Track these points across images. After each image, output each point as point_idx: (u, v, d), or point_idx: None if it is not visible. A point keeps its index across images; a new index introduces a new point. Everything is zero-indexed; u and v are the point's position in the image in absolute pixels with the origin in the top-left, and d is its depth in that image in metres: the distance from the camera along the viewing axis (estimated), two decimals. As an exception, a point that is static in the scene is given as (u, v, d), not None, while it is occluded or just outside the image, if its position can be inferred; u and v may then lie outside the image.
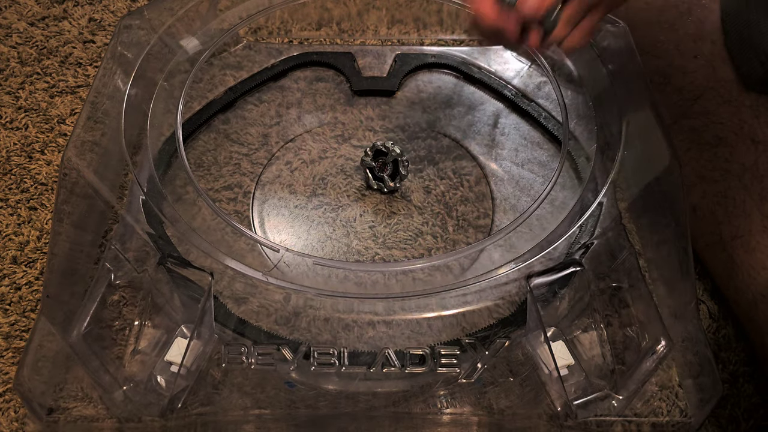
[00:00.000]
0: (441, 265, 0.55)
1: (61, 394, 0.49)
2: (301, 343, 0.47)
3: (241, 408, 0.48)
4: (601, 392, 0.46)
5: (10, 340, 0.53)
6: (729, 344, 0.54)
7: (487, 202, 0.61)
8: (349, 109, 0.68)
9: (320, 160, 0.64)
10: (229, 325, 0.50)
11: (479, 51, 0.72)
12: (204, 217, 0.57)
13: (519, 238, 0.53)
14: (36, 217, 0.60)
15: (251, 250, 0.55)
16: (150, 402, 0.46)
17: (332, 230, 0.59)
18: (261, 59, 0.71)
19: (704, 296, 0.57)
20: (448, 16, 0.71)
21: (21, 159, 0.64)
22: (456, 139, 0.65)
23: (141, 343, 0.49)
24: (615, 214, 0.57)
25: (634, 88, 0.58)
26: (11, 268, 0.57)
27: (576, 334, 0.50)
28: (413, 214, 0.60)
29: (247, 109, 0.67)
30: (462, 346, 0.47)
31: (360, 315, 0.53)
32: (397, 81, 0.69)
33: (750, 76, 0.58)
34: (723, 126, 0.58)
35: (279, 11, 0.69)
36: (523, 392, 0.49)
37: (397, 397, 0.49)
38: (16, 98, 0.68)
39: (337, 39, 0.73)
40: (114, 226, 0.57)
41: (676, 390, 0.51)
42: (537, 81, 0.69)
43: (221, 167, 0.63)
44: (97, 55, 0.72)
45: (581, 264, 0.51)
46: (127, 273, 0.51)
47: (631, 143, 0.56)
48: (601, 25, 0.62)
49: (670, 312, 0.51)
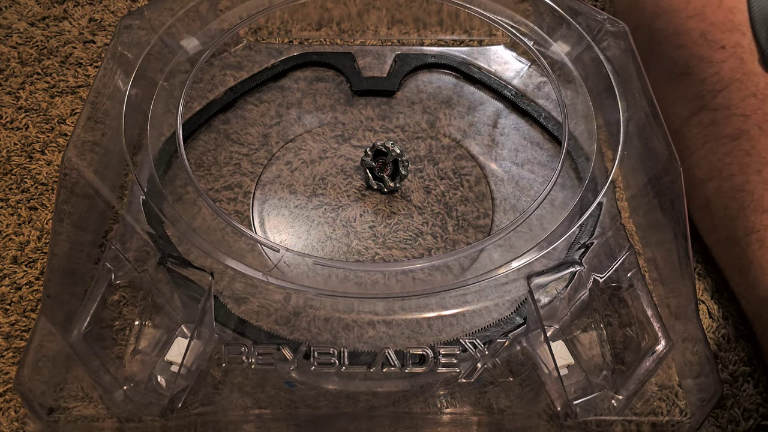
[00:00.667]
0: (441, 265, 0.55)
1: (62, 394, 0.49)
2: (301, 342, 0.47)
3: (242, 408, 0.48)
4: (601, 392, 0.46)
5: (11, 339, 0.53)
6: (729, 344, 0.54)
7: (487, 202, 0.61)
8: (349, 109, 0.68)
9: (320, 160, 0.64)
10: (230, 325, 0.50)
11: (479, 51, 0.72)
12: (204, 217, 0.58)
13: (519, 238, 0.53)
14: (36, 217, 0.60)
15: (251, 250, 0.55)
16: (150, 402, 0.46)
17: (332, 230, 0.59)
18: (261, 59, 0.71)
19: (704, 296, 0.57)
20: (448, 16, 0.71)
21: (21, 159, 0.64)
22: (456, 139, 0.66)
23: (141, 343, 0.49)
24: (615, 214, 0.57)
25: (633, 88, 0.58)
26: (11, 268, 0.57)
27: (576, 333, 0.50)
28: (413, 214, 0.60)
29: (247, 109, 0.67)
30: (462, 345, 0.47)
31: (360, 315, 0.53)
32: (397, 81, 0.69)
33: None
34: (746, 119, 0.57)
35: (279, 11, 0.69)
36: (523, 392, 0.49)
37: (397, 396, 0.49)
38: (17, 98, 0.68)
39: (337, 39, 0.73)
40: (114, 226, 0.57)
41: (676, 390, 0.51)
42: (537, 81, 0.69)
43: (221, 167, 0.63)
44: (97, 56, 0.72)
45: (581, 264, 0.51)
46: (127, 273, 0.51)
47: (630, 143, 0.56)
48: (601, 25, 0.62)
49: (670, 312, 0.51)
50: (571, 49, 0.63)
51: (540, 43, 0.64)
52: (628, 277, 0.51)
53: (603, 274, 0.51)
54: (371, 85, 0.69)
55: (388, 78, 0.69)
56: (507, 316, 0.52)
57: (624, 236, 0.54)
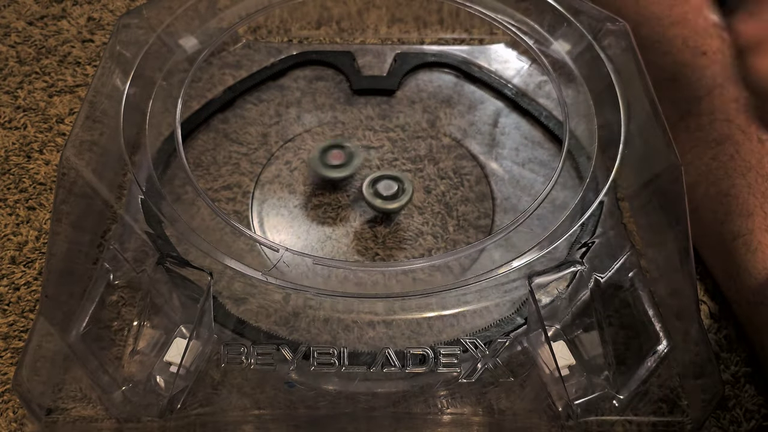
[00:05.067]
0: (441, 264, 0.55)
1: (60, 394, 0.49)
2: (300, 343, 0.47)
3: (241, 408, 0.48)
4: (602, 392, 0.46)
5: (9, 340, 0.53)
6: (730, 344, 0.54)
7: (487, 202, 0.61)
8: (349, 108, 0.68)
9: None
10: (229, 325, 0.50)
11: (479, 50, 0.72)
12: (203, 217, 0.57)
13: (519, 238, 0.53)
14: (35, 217, 0.60)
15: (250, 250, 0.55)
16: (149, 402, 0.46)
17: (332, 230, 0.59)
18: (260, 58, 0.70)
19: (705, 296, 0.57)
20: (449, 15, 0.71)
21: (19, 159, 0.63)
22: (456, 139, 0.65)
23: (140, 344, 0.48)
24: (616, 214, 0.56)
25: (634, 87, 0.58)
26: (10, 268, 0.57)
27: (577, 333, 0.50)
28: (413, 214, 0.60)
29: (246, 108, 0.67)
30: (462, 346, 0.47)
31: (360, 315, 0.53)
32: (397, 80, 0.68)
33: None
34: (730, 123, 0.58)
35: (278, 10, 0.68)
36: (524, 392, 0.49)
37: (397, 397, 0.49)
38: (15, 98, 0.68)
39: (337, 38, 0.73)
40: (113, 225, 0.57)
41: (677, 390, 0.51)
42: (537, 80, 0.69)
43: (220, 167, 0.63)
44: (96, 55, 0.72)
45: (582, 263, 0.51)
46: (125, 273, 0.51)
47: (631, 142, 0.56)
48: (602, 24, 0.62)
49: (672, 312, 0.51)
50: (572, 48, 0.63)
51: (541, 41, 0.64)
52: (630, 277, 0.51)
53: (604, 273, 0.51)
54: (371, 84, 0.68)
55: (388, 77, 0.69)
56: (508, 316, 0.52)
57: (625, 236, 0.54)
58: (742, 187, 0.55)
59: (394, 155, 0.64)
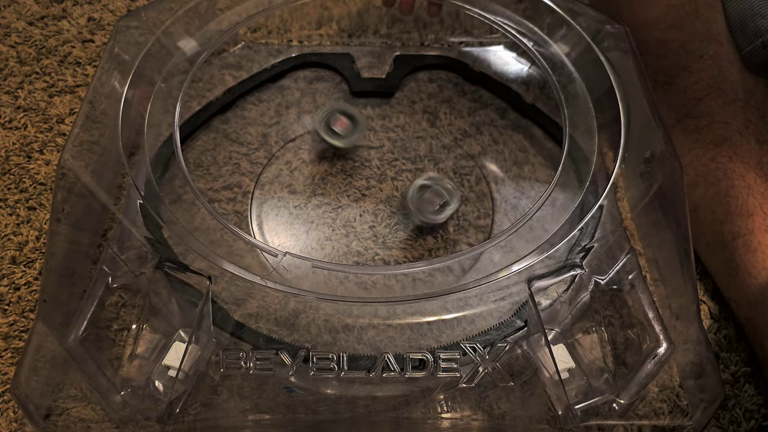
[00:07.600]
0: (441, 266, 0.55)
1: (59, 395, 0.49)
2: (300, 347, 0.47)
3: (240, 413, 0.48)
4: (603, 396, 0.46)
5: (9, 340, 0.53)
6: (730, 345, 0.54)
7: (487, 202, 0.61)
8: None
9: (320, 160, 0.63)
10: (228, 328, 0.50)
11: (479, 52, 0.71)
12: (203, 217, 0.57)
13: (519, 240, 0.53)
14: (35, 217, 0.60)
15: (250, 251, 0.55)
16: (148, 407, 0.46)
17: (332, 231, 0.59)
18: (260, 59, 0.70)
19: (705, 297, 0.57)
20: (448, 16, 0.71)
21: (20, 159, 0.63)
22: (456, 139, 0.65)
23: (139, 348, 0.48)
24: (616, 216, 0.56)
25: (634, 89, 0.58)
26: (10, 268, 0.57)
27: (577, 337, 0.50)
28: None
29: (247, 108, 0.67)
30: (462, 350, 0.47)
31: (360, 318, 0.53)
32: (396, 83, 0.68)
33: (751, 57, 0.59)
34: (728, 126, 0.58)
35: (278, 11, 0.68)
36: (524, 396, 0.49)
37: (397, 401, 0.49)
38: (15, 98, 0.68)
39: (337, 39, 0.73)
40: (112, 225, 0.56)
41: (678, 391, 0.51)
42: (537, 82, 0.69)
43: (220, 167, 0.62)
44: (96, 55, 0.72)
45: (582, 266, 0.51)
46: (124, 276, 0.51)
47: (631, 144, 0.56)
48: (601, 27, 0.62)
49: (672, 313, 0.51)
50: (571, 50, 0.63)
51: (540, 43, 0.64)
52: (629, 278, 0.51)
53: (604, 276, 0.51)
54: (370, 86, 0.68)
55: (387, 79, 0.68)
56: (507, 320, 0.52)
57: (625, 237, 0.54)
58: (741, 187, 0.56)
59: (394, 155, 0.64)
